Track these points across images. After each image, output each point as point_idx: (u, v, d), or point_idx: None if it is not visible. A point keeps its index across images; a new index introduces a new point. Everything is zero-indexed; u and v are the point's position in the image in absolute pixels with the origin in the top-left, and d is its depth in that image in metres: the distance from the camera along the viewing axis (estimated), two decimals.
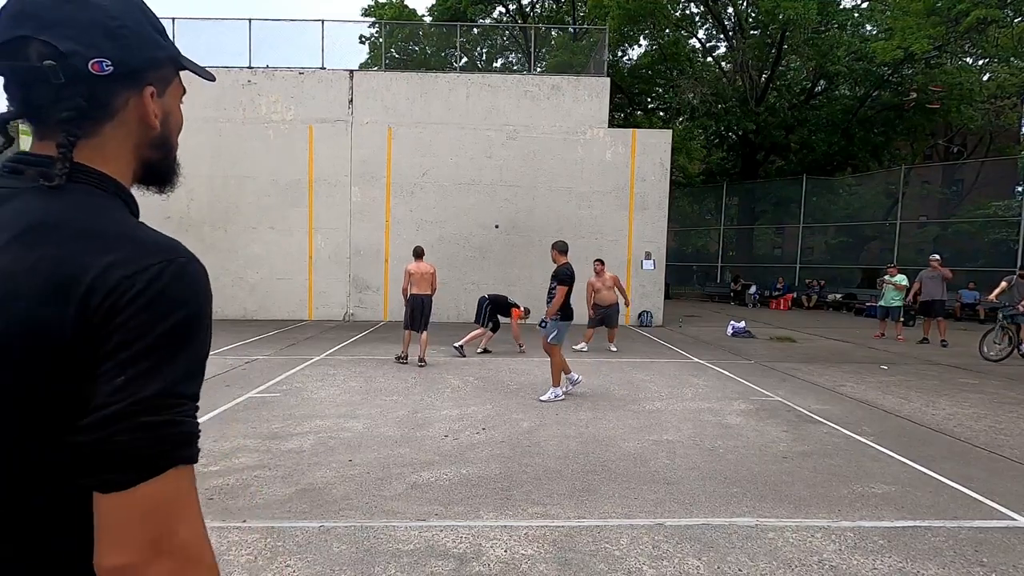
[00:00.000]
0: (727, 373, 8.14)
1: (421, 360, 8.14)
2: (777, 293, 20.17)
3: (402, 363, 8.26)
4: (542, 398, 6.31)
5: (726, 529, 3.35)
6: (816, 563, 2.98)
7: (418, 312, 8.20)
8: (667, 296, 16.66)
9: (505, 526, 3.34)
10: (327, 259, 13.91)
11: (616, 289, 10.03)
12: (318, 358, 8.68)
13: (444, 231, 14.03)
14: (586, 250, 14.17)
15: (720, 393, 6.87)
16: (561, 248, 6.54)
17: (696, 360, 9.19)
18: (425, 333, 8.23)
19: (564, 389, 6.47)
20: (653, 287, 14.23)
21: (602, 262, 10.28)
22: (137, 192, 0.82)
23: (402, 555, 2.98)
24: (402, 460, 4.42)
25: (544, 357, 6.72)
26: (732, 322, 12.92)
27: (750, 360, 9.30)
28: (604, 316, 10.04)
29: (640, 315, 13.93)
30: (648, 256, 14.15)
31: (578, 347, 9.72)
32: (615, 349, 9.91)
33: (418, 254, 8.41)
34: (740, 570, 2.90)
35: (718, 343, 11.23)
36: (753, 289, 20.61)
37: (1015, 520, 3.54)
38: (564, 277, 6.34)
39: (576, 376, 6.62)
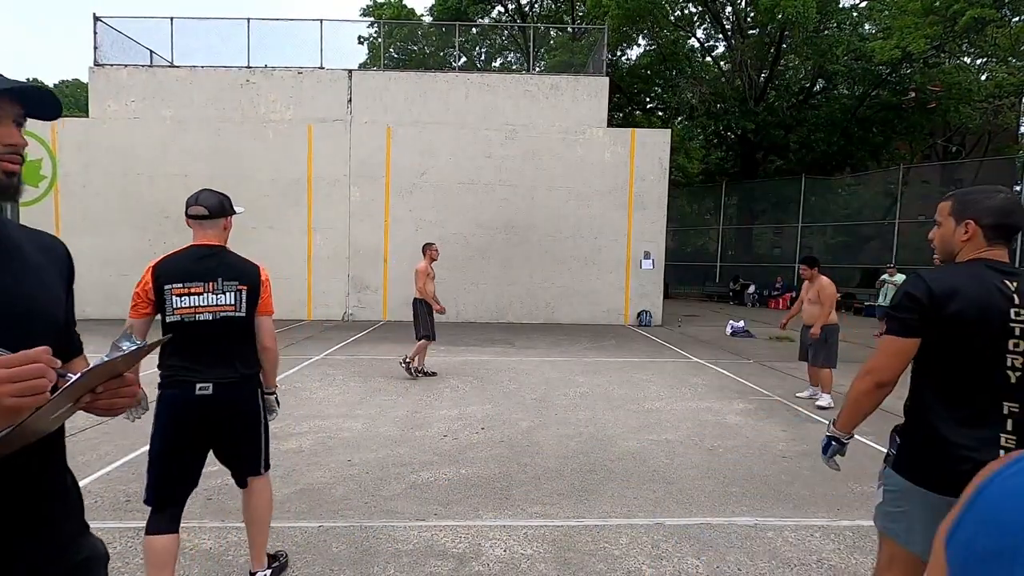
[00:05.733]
0: (726, 372, 8.14)
1: (413, 370, 7.36)
2: (776, 292, 20.19)
3: (427, 375, 7.48)
4: None
5: (725, 528, 3.35)
6: (815, 562, 2.98)
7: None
8: (666, 296, 16.67)
9: (504, 526, 3.34)
10: (326, 259, 13.90)
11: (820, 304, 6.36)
12: (317, 358, 8.67)
13: (443, 231, 14.01)
14: (585, 250, 14.19)
15: (719, 392, 6.87)
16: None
17: (695, 359, 9.19)
18: (422, 342, 7.33)
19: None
20: (652, 287, 14.24)
21: (810, 263, 6.59)
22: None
23: (401, 555, 2.98)
24: (401, 460, 4.41)
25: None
26: (731, 321, 12.93)
27: (749, 360, 9.30)
28: (806, 343, 6.53)
29: (639, 315, 13.94)
30: (647, 255, 14.16)
31: (817, 398, 6.46)
32: (824, 403, 6.30)
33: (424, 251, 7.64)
34: (739, 569, 2.90)
35: (717, 342, 11.23)
36: (752, 288, 20.63)
37: None
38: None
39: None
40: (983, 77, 23.00)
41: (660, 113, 26.32)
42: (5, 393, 0.84)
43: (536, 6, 29.61)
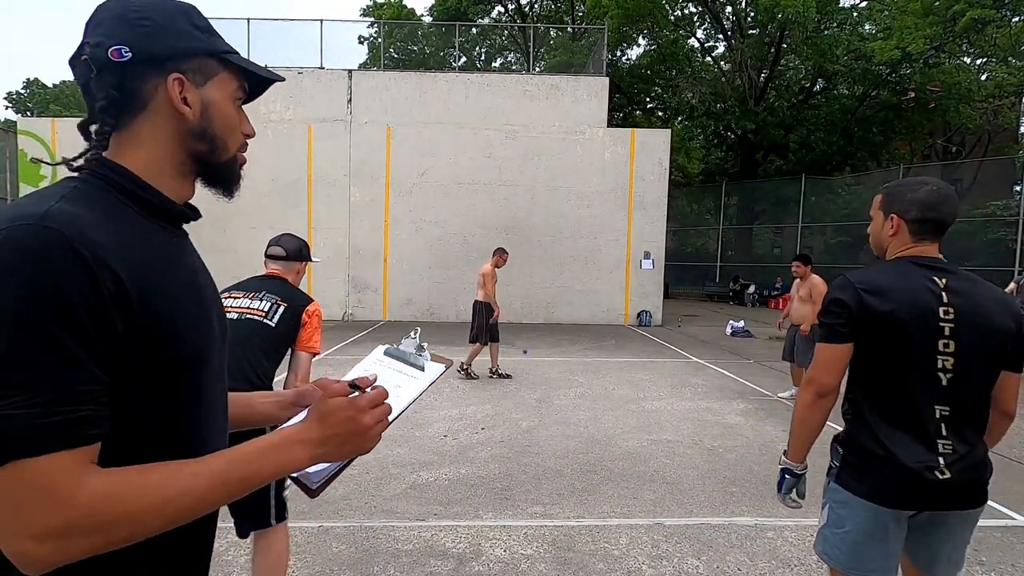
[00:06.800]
0: (726, 372, 8.14)
1: (462, 368, 7.34)
2: (776, 292, 20.19)
3: (497, 376, 7.44)
4: None
5: (725, 528, 3.35)
6: (815, 562, 2.98)
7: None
8: (666, 296, 16.67)
9: (504, 526, 3.34)
10: (326, 259, 13.90)
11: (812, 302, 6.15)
12: (317, 358, 8.66)
13: (443, 231, 14.02)
14: (585, 250, 14.19)
15: (719, 392, 6.87)
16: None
17: (695, 359, 9.19)
18: (477, 345, 7.38)
19: None
20: (652, 287, 14.25)
21: (804, 260, 6.46)
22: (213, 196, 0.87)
23: (401, 555, 2.98)
24: (401, 460, 4.41)
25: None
26: (731, 322, 12.93)
27: (749, 360, 9.30)
28: (792, 342, 6.44)
29: (639, 315, 13.94)
30: (647, 255, 14.16)
31: (783, 394, 6.70)
32: (788, 395, 6.57)
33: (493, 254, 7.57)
34: (739, 569, 2.90)
35: (717, 342, 11.23)
36: (752, 288, 20.64)
37: (1015, 519, 3.55)
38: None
39: None
40: (983, 77, 23.01)
41: (660, 113, 26.33)
42: (380, 427, 0.84)
43: (536, 6, 29.62)
